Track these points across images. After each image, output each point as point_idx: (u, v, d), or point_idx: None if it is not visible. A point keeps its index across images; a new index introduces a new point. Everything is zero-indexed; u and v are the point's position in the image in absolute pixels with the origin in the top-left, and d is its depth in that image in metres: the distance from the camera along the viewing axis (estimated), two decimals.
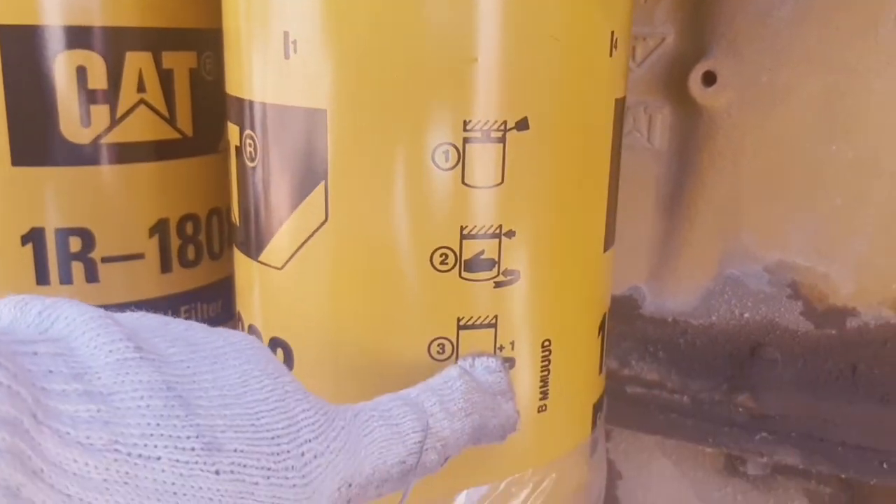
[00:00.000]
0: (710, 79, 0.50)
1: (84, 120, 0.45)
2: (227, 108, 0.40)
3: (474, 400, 0.33)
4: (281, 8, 0.34)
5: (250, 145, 0.37)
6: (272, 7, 0.35)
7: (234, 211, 0.40)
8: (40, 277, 0.46)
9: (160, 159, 0.48)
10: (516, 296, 0.37)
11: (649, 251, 0.57)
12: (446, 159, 0.34)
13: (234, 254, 0.42)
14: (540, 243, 0.37)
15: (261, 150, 0.37)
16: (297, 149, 0.35)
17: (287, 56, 0.35)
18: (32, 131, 0.44)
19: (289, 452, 0.24)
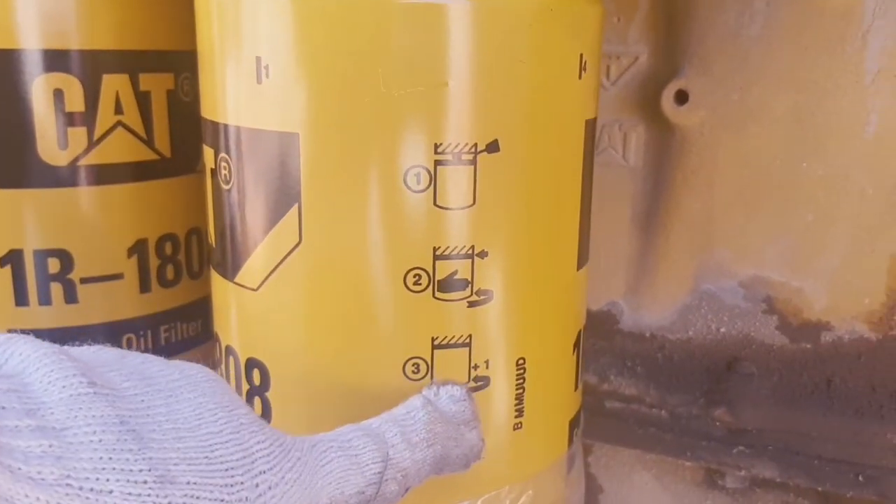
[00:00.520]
0: (682, 97, 0.50)
1: (62, 142, 0.45)
2: (202, 131, 0.40)
3: (437, 430, 0.33)
4: (253, 33, 0.35)
5: (225, 168, 0.38)
6: (244, 32, 0.35)
7: (210, 232, 0.41)
8: (19, 299, 0.46)
9: (138, 180, 0.48)
10: (490, 315, 0.37)
11: (626, 267, 0.58)
12: (418, 181, 0.35)
13: (211, 274, 0.42)
14: (513, 263, 0.37)
15: (235, 173, 0.37)
16: (270, 172, 0.36)
17: (259, 80, 0.35)
18: (10, 153, 0.45)
19: (242, 484, 0.24)
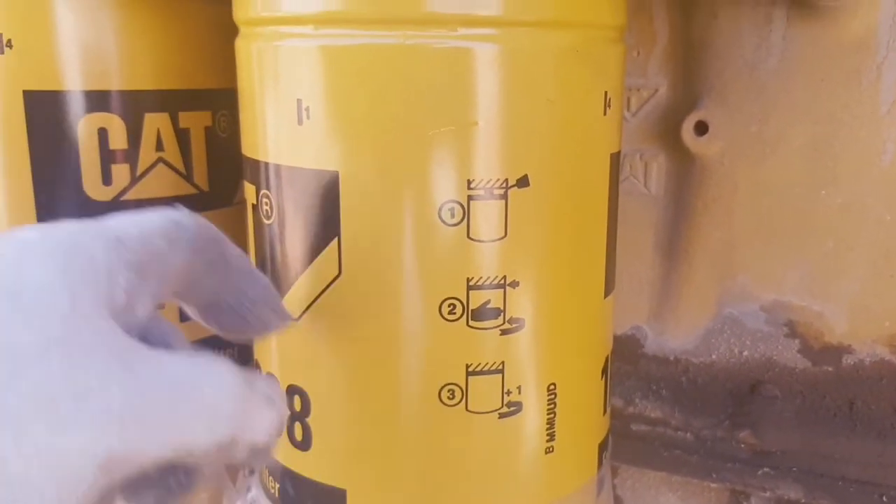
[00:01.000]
0: (702, 128, 0.52)
1: (106, 178, 0.47)
2: (243, 168, 0.42)
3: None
4: (293, 78, 0.37)
5: (266, 204, 0.40)
6: (285, 77, 0.37)
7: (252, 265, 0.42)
8: None
9: None
10: (522, 342, 0.39)
11: (650, 292, 0.59)
12: (452, 216, 0.36)
13: None
14: (543, 292, 0.39)
15: (276, 209, 0.39)
16: (311, 208, 0.37)
17: (300, 122, 0.37)
18: (56, 190, 0.47)
19: None
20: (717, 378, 0.59)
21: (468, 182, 0.36)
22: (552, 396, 0.40)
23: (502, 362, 0.39)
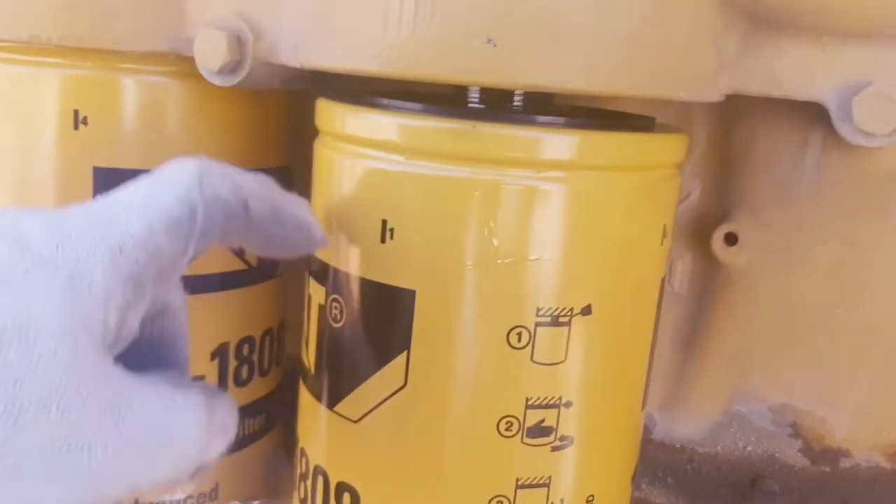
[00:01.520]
0: (731, 239, 0.54)
1: None
2: (310, 265, 0.43)
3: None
4: (381, 199, 0.39)
5: (336, 308, 0.41)
6: (372, 196, 0.39)
7: (310, 359, 0.44)
8: None
9: (226, 289, 0.51)
10: (568, 458, 0.41)
11: (664, 382, 0.61)
12: (519, 340, 0.38)
13: (303, 394, 0.45)
14: (592, 411, 0.41)
15: (347, 315, 0.41)
16: (384, 320, 0.39)
17: (383, 240, 0.39)
18: None
19: None
20: (720, 469, 0.62)
21: (537, 309, 0.38)
22: None
23: (550, 476, 0.41)
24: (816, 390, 0.57)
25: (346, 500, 0.42)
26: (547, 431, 0.40)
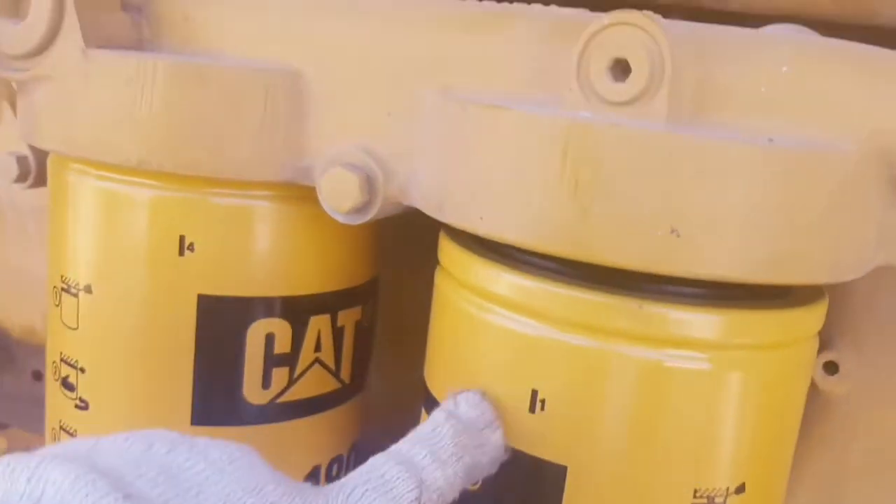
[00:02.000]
0: (832, 368, 0.53)
1: (266, 382, 0.46)
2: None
3: (463, 442, 0.34)
4: (530, 368, 0.37)
5: None
6: (519, 365, 0.37)
7: None
8: None
9: (321, 410, 0.49)
10: None
11: None
12: None
13: None
14: None
15: (485, 480, 0.38)
16: (528, 493, 0.37)
17: (532, 410, 0.37)
18: (216, 394, 0.45)
19: None
20: None
21: (694, 491, 0.36)
22: None
23: None
24: None
25: None
26: None
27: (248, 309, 0.45)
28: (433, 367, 0.43)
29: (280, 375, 0.46)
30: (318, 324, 0.47)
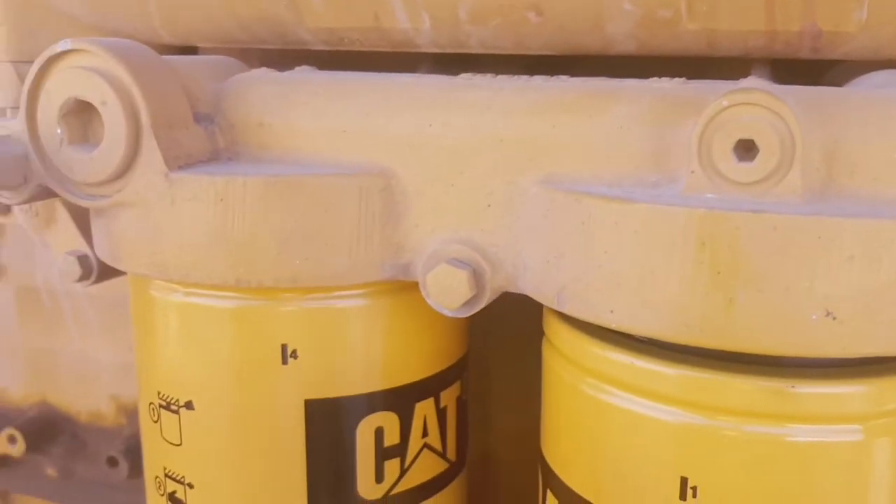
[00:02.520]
0: None
1: (378, 476, 0.45)
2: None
3: None
4: (680, 454, 0.36)
5: None
6: (668, 453, 0.36)
7: None
8: None
9: (433, 494, 0.48)
10: None
11: None
12: None
13: None
14: None
15: None
16: None
17: (683, 498, 0.36)
18: (331, 496, 0.44)
19: None
20: None
21: None
22: None
23: None
24: None
25: None
26: None
27: (356, 406, 0.44)
28: (555, 446, 0.41)
29: (392, 467, 0.45)
30: (423, 409, 0.46)
